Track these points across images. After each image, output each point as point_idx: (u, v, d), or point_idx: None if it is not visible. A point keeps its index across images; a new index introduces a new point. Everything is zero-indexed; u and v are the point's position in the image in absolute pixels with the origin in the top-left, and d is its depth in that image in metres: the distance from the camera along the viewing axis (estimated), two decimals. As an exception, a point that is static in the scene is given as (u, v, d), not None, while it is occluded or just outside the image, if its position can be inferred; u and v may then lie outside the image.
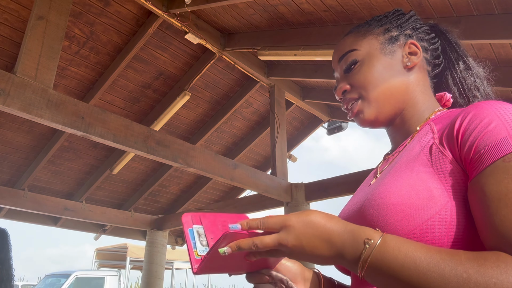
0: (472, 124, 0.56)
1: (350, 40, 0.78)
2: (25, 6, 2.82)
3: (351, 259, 0.53)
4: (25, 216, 4.69)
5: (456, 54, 0.77)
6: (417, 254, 0.49)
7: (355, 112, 0.75)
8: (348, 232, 0.54)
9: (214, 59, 3.50)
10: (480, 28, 2.23)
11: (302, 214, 0.56)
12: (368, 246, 0.51)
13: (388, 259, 0.50)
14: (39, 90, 2.06)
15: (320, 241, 0.55)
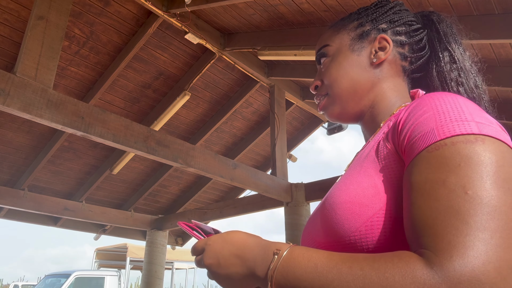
0: (410, 115, 0.55)
1: (327, 35, 0.79)
2: (25, 6, 2.82)
3: (261, 273, 0.54)
4: (25, 216, 4.69)
5: (442, 46, 0.72)
6: (319, 257, 0.49)
7: (321, 107, 0.77)
8: (260, 246, 0.56)
9: (214, 59, 3.50)
10: (480, 28, 2.23)
11: (224, 233, 0.61)
12: (276, 257, 0.53)
13: (293, 267, 0.50)
14: (39, 90, 2.06)
15: (234, 257, 0.57)
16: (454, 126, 0.49)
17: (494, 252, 0.39)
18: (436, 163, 0.47)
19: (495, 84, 2.72)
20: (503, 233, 0.41)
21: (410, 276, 0.41)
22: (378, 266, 0.44)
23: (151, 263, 5.08)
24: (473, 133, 0.47)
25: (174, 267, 11.59)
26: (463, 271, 0.39)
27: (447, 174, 0.46)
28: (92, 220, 4.70)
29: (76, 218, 4.56)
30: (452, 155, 0.47)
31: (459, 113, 0.50)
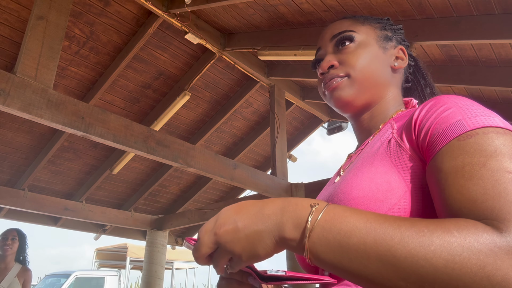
0: (429, 113, 0.57)
1: (348, 23, 0.78)
2: (25, 6, 2.82)
3: (294, 226, 0.47)
4: (25, 216, 4.69)
5: (424, 80, 0.81)
6: (370, 213, 0.47)
7: (334, 87, 0.73)
8: (288, 201, 0.50)
9: (214, 59, 3.50)
10: (480, 28, 2.23)
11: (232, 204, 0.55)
12: (314, 209, 0.47)
13: (339, 220, 0.46)
14: (39, 90, 2.06)
15: (255, 215, 0.50)
16: (482, 119, 0.51)
17: None
18: (472, 149, 0.49)
19: (495, 84, 2.72)
20: None
21: (483, 236, 0.41)
22: (446, 225, 0.43)
23: (151, 263, 5.08)
24: (500, 127, 0.50)
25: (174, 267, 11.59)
26: None
27: (485, 158, 0.48)
28: (92, 220, 4.70)
29: (76, 218, 4.56)
30: (487, 142, 0.49)
31: (480, 110, 0.53)
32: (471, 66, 2.78)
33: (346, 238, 0.44)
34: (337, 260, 0.45)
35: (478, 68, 2.76)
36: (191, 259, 12.22)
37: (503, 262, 0.39)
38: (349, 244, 0.44)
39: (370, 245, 0.43)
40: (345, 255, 0.44)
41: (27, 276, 3.36)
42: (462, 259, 0.40)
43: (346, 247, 0.44)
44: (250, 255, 0.49)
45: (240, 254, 0.49)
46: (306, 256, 0.46)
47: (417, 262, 0.41)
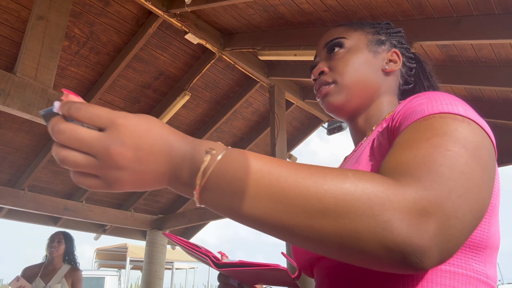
0: (406, 106, 0.60)
1: (341, 30, 0.81)
2: (25, 6, 2.82)
3: (189, 173, 0.44)
4: (25, 216, 4.69)
5: (428, 82, 0.81)
6: (268, 157, 0.45)
7: (324, 93, 0.76)
8: (189, 144, 0.46)
9: (214, 59, 3.50)
10: (480, 28, 2.23)
11: (139, 115, 0.46)
12: (210, 155, 0.44)
13: (234, 166, 0.43)
14: (39, 90, 2.06)
15: (159, 151, 0.44)
16: (444, 106, 0.53)
17: (455, 198, 0.42)
18: (423, 128, 0.51)
19: (495, 84, 2.72)
20: (466, 192, 0.43)
21: (378, 182, 0.42)
22: (343, 171, 0.44)
23: (151, 263, 5.08)
24: (461, 114, 0.52)
25: (174, 267, 11.60)
26: (423, 194, 0.41)
27: (432, 135, 0.49)
28: (92, 220, 4.70)
29: (76, 218, 4.56)
30: (440, 125, 0.50)
31: (449, 100, 0.55)
32: (471, 66, 2.78)
33: (240, 182, 0.43)
34: (229, 204, 0.44)
35: (478, 68, 2.76)
36: (191, 259, 12.22)
37: (392, 204, 0.40)
38: (242, 188, 0.43)
39: (263, 187, 0.42)
40: (237, 199, 0.43)
41: (75, 276, 3.36)
42: (352, 198, 0.40)
43: (239, 191, 0.43)
44: (135, 187, 0.46)
45: (123, 184, 0.44)
46: (197, 202, 0.45)
47: (308, 200, 0.41)
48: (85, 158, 0.43)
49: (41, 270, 3.26)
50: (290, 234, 0.42)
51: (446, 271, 0.52)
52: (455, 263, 0.53)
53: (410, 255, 0.39)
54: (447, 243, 0.41)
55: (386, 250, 0.40)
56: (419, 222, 0.40)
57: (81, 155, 0.43)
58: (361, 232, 0.40)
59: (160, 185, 0.47)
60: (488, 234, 0.55)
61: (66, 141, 0.43)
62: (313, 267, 0.68)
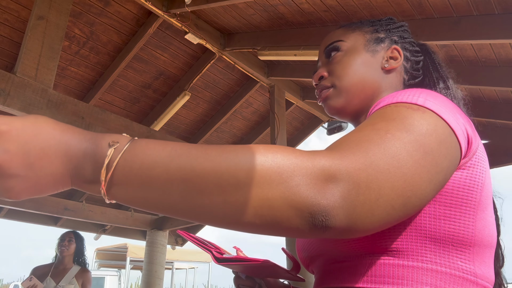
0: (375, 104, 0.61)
1: (339, 33, 0.82)
2: (25, 6, 2.82)
3: (92, 170, 0.43)
4: (25, 216, 4.69)
5: (437, 73, 0.80)
6: (176, 143, 0.45)
7: (324, 97, 0.77)
8: (89, 140, 0.44)
9: (214, 59, 3.50)
10: (480, 28, 2.23)
11: (25, 118, 0.43)
12: (114, 149, 0.43)
13: (141, 155, 0.43)
14: (39, 90, 2.06)
15: (54, 153, 0.43)
16: (403, 97, 0.54)
17: (372, 171, 0.43)
18: (375, 115, 0.53)
19: (495, 84, 2.72)
20: (390, 169, 0.44)
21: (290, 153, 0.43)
22: (252, 146, 0.44)
23: (151, 263, 5.08)
24: (417, 104, 0.52)
25: (174, 267, 11.60)
26: (333, 163, 0.43)
27: (379, 121, 0.50)
28: (92, 220, 4.70)
29: (76, 218, 4.56)
30: (392, 111, 0.52)
31: (417, 93, 0.55)
32: (471, 66, 2.78)
33: (148, 171, 0.42)
34: (141, 196, 0.43)
35: (478, 68, 2.76)
36: (191, 259, 12.22)
37: (300, 170, 0.41)
38: (152, 176, 0.42)
39: (173, 171, 0.42)
40: (148, 189, 0.42)
41: (85, 277, 3.35)
42: (262, 168, 0.41)
43: (148, 180, 0.42)
44: (32, 194, 0.44)
45: (18, 192, 0.43)
46: (106, 199, 0.44)
47: (220, 176, 0.41)
48: None
49: (52, 270, 3.25)
50: (208, 215, 0.42)
51: (429, 270, 0.52)
52: (437, 261, 0.52)
53: (317, 214, 0.41)
54: (355, 207, 0.42)
55: (296, 212, 0.41)
56: (325, 186, 0.41)
57: None
58: (272, 199, 0.41)
59: (63, 187, 0.45)
60: (473, 230, 0.54)
61: None
62: (312, 264, 0.68)
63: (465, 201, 0.54)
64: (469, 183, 0.54)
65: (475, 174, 0.55)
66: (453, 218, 0.53)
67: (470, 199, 0.54)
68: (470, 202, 0.54)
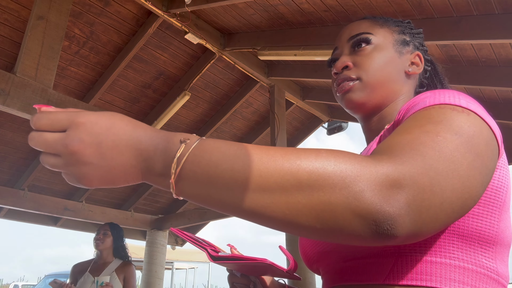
0: (412, 102, 0.60)
1: (367, 25, 0.78)
2: (25, 6, 2.82)
3: (163, 164, 0.45)
4: (25, 216, 4.69)
5: (440, 85, 0.81)
6: (241, 143, 0.46)
7: (346, 89, 0.75)
8: (161, 137, 0.47)
9: (214, 59, 3.50)
10: (480, 28, 2.23)
11: (101, 113, 0.47)
12: (184, 145, 0.45)
13: (209, 152, 0.44)
14: (39, 90, 2.06)
15: (125, 146, 0.45)
16: (445, 98, 0.54)
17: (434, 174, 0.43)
18: (420, 116, 0.52)
19: (495, 84, 2.72)
20: (449, 172, 0.44)
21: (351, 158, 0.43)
22: (314, 150, 0.44)
23: (151, 263, 5.08)
24: (461, 106, 0.52)
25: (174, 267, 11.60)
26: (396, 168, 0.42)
27: (427, 122, 0.50)
28: (92, 220, 4.70)
29: (76, 218, 4.56)
30: (437, 114, 0.51)
31: (453, 94, 0.55)
32: (471, 66, 2.78)
33: (215, 167, 0.43)
34: (205, 192, 0.44)
35: (478, 68, 2.76)
36: (191, 259, 12.22)
37: (364, 176, 0.41)
38: (217, 173, 0.43)
39: (238, 170, 0.43)
40: (213, 185, 0.43)
41: (128, 272, 3.09)
42: (325, 171, 0.41)
43: (214, 176, 0.43)
44: (103, 183, 0.47)
45: (91, 179, 0.46)
46: (173, 193, 0.46)
47: (282, 177, 0.42)
48: (55, 160, 0.46)
49: (91, 265, 3.09)
50: (268, 214, 0.42)
51: (456, 266, 0.52)
52: (464, 258, 0.52)
53: (382, 222, 0.40)
54: (421, 214, 0.42)
55: (359, 219, 0.40)
56: (390, 192, 0.41)
57: (51, 156, 0.46)
58: (335, 204, 0.40)
59: (134, 179, 0.47)
60: (497, 229, 0.54)
61: (36, 146, 0.46)
62: (320, 262, 0.66)
63: (493, 200, 0.54)
64: (497, 184, 0.55)
65: (502, 175, 0.56)
66: (481, 216, 0.53)
67: (497, 199, 0.55)
68: (497, 202, 0.55)
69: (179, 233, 0.73)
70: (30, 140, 0.47)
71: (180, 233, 0.72)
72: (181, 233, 0.72)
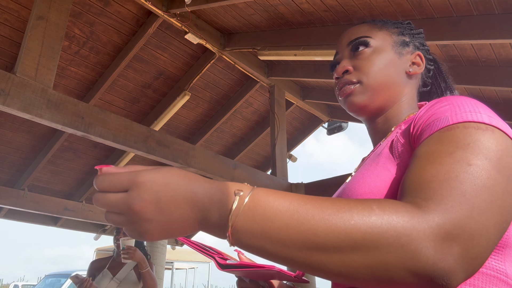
0: (428, 111, 0.60)
1: (366, 28, 0.79)
2: (25, 6, 2.82)
3: (219, 215, 0.47)
4: (25, 216, 4.69)
5: (445, 83, 0.82)
6: (292, 195, 0.47)
7: (348, 93, 0.75)
8: (215, 188, 0.48)
9: (214, 59, 3.50)
10: (480, 28, 2.23)
11: (158, 170, 0.49)
12: (238, 197, 0.47)
13: (263, 206, 0.46)
14: (39, 90, 2.06)
15: (183, 199, 0.47)
16: (467, 114, 0.54)
17: (477, 216, 0.44)
18: (447, 140, 0.52)
19: (495, 84, 2.72)
20: (489, 207, 0.45)
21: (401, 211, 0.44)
22: (367, 203, 0.45)
23: (151, 263, 5.08)
24: (484, 123, 0.52)
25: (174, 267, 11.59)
26: (445, 218, 0.43)
27: (455, 149, 0.50)
28: (92, 220, 4.70)
29: (76, 218, 4.56)
30: (463, 136, 0.51)
31: (473, 107, 0.55)
32: (471, 66, 2.78)
33: (270, 223, 0.45)
34: (260, 245, 0.45)
35: (478, 68, 2.76)
36: (191, 259, 12.22)
37: (418, 233, 0.42)
38: (272, 229, 0.44)
39: (292, 227, 0.44)
40: (268, 239, 0.45)
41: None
42: (379, 231, 0.42)
43: (269, 231, 0.44)
44: (164, 236, 0.49)
45: (153, 234, 0.48)
46: (229, 243, 0.47)
47: (337, 237, 0.43)
48: (118, 218, 0.49)
49: (109, 263, 3.05)
50: (323, 270, 0.44)
51: None
52: None
53: (437, 279, 0.42)
54: (472, 261, 0.43)
55: (415, 277, 0.42)
56: (444, 247, 0.42)
57: (115, 215, 0.49)
58: (391, 263, 0.42)
59: (192, 229, 0.50)
60: (508, 233, 0.55)
61: (102, 207, 0.49)
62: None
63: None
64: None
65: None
66: None
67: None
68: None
69: (186, 241, 0.73)
70: (95, 201, 0.50)
71: (187, 242, 0.73)
72: (188, 242, 0.73)
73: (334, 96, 3.98)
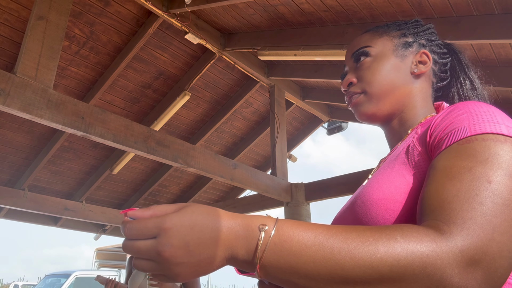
0: (445, 118, 0.60)
1: (366, 38, 0.81)
2: (25, 6, 2.82)
3: (246, 252, 0.48)
4: (25, 216, 4.68)
5: (464, 74, 0.80)
6: (316, 227, 0.48)
7: (354, 103, 0.77)
8: (239, 224, 0.50)
9: (214, 59, 3.50)
10: (480, 28, 2.23)
11: (183, 213, 0.50)
12: (264, 233, 0.48)
13: (288, 242, 0.47)
14: (39, 90, 2.06)
15: (209, 240, 0.48)
16: (486, 125, 0.53)
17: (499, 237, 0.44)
18: (466, 154, 0.52)
19: (495, 84, 2.71)
20: (510, 225, 0.45)
21: (424, 239, 0.44)
22: (390, 232, 0.46)
23: (151, 263, 5.07)
24: (503, 134, 0.52)
25: (174, 267, 11.55)
26: (468, 244, 0.43)
27: (474, 164, 0.50)
28: (92, 220, 4.69)
29: (76, 218, 4.56)
30: (482, 149, 0.51)
31: (491, 116, 0.55)
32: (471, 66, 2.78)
33: (296, 258, 0.46)
34: (288, 278, 0.47)
35: (478, 68, 2.76)
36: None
37: (442, 261, 0.43)
38: (299, 264, 0.46)
39: (319, 262, 0.45)
40: (296, 274, 0.46)
41: None
42: (406, 263, 0.43)
43: (296, 266, 0.46)
44: (195, 275, 0.50)
45: (184, 276, 0.49)
46: (258, 277, 0.49)
47: (364, 271, 0.44)
48: (148, 264, 0.49)
49: None
50: None
51: None
52: None
53: None
54: (495, 283, 0.44)
55: None
56: (468, 272, 0.43)
57: (145, 261, 0.49)
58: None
59: (221, 266, 0.51)
60: None
61: (131, 254, 0.50)
62: None
63: None
64: None
65: None
66: None
67: None
68: None
69: None
70: (124, 248, 0.51)
71: None
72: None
73: (334, 96, 3.99)
